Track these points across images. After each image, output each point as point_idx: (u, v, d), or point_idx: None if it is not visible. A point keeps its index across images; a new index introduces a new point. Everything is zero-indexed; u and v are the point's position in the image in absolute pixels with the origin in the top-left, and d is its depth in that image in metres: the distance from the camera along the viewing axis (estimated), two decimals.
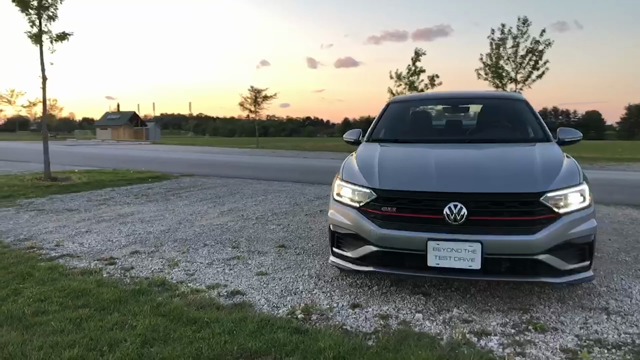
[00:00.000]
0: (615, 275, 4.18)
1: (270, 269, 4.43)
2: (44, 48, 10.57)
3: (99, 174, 12.29)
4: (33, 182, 10.36)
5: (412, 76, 29.92)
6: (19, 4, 10.27)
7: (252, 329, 3.10)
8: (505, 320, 3.27)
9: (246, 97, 42.48)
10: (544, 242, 3.24)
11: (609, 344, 2.93)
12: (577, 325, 3.18)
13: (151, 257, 4.82)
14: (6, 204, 8.02)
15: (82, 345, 2.92)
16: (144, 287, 3.89)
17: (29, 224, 6.37)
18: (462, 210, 3.30)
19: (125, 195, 8.99)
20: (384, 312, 3.42)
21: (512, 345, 2.92)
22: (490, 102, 5.19)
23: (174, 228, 6.09)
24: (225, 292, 3.83)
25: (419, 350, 2.81)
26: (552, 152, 3.99)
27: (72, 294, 3.74)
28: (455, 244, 3.28)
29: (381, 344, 2.90)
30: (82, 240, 5.50)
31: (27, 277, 4.16)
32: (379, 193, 3.56)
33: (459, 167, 3.74)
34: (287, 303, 3.61)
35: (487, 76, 23.05)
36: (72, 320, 3.29)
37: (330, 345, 2.86)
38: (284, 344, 2.90)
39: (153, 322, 3.22)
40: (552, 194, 3.34)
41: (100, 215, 6.99)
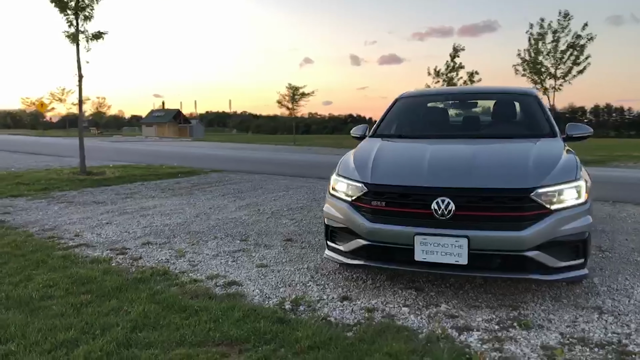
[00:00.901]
0: (620, 276, 4.06)
1: (271, 261, 4.52)
2: (80, 47, 10.97)
3: (132, 169, 12.70)
4: (69, 176, 10.81)
5: (451, 72, 29.59)
6: (57, 5, 10.71)
7: (237, 318, 3.19)
8: (492, 317, 3.25)
9: (284, 94, 42.91)
10: (532, 239, 3.20)
11: (593, 342, 2.88)
12: (564, 324, 3.14)
13: (161, 248, 4.99)
14: (41, 196, 8.41)
15: (78, 329, 3.07)
16: (146, 276, 4.04)
17: (56, 215, 6.67)
18: (449, 205, 3.30)
19: (153, 189, 9.27)
20: (371, 305, 3.45)
21: (492, 341, 2.91)
22: (499, 98, 5.11)
23: (190, 221, 6.26)
24: (222, 283, 3.93)
25: (394, 342, 2.83)
26: (552, 148, 3.92)
27: (78, 281, 3.93)
28: (442, 239, 3.28)
29: (359, 336, 2.94)
30: (101, 231, 5.73)
31: (41, 264, 4.38)
32: (370, 187, 3.59)
33: (452, 163, 3.73)
34: (279, 294, 3.69)
35: (525, 72, 22.48)
36: (73, 305, 3.46)
37: (307, 335, 2.92)
38: (265, 332, 2.98)
39: (146, 309, 3.35)
40: (543, 190, 3.29)
41: (124, 208, 7.25)
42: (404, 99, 5.32)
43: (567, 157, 3.73)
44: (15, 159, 17.23)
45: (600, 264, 4.38)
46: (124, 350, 2.81)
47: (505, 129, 4.67)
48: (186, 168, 13.33)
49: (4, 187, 9.24)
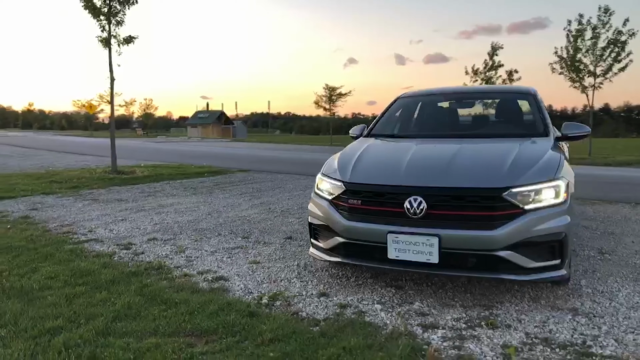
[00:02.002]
0: (611, 278, 3.98)
1: (265, 258, 4.64)
2: (112, 51, 11.42)
3: (162, 168, 13.11)
4: (101, 175, 11.27)
5: (489, 71, 29.02)
6: (91, 11, 11.18)
7: (212, 311, 3.32)
8: (462, 316, 3.27)
9: (321, 95, 43.11)
10: (504, 238, 3.19)
11: (556, 343, 2.86)
12: (533, 324, 3.12)
13: (165, 244, 5.19)
14: (70, 193, 8.83)
15: (65, 318, 3.27)
16: (140, 270, 4.23)
17: (77, 212, 7.00)
18: (421, 204, 3.33)
19: (176, 187, 9.57)
20: (346, 302, 3.52)
21: (454, 339, 2.93)
22: (496, 97, 5.09)
23: (200, 219, 6.46)
24: (211, 278, 4.08)
25: (353, 337, 2.89)
26: (538, 147, 3.88)
27: (78, 274, 4.15)
28: (413, 237, 3.32)
29: (322, 330, 3.02)
30: (114, 227, 5.99)
31: (49, 257, 4.64)
32: (347, 186, 3.66)
33: (430, 163, 3.75)
34: (261, 290, 3.80)
35: (562, 70, 21.81)
36: (67, 295, 3.67)
37: (272, 328, 3.02)
38: (233, 325, 3.10)
39: (131, 301, 3.52)
40: (517, 190, 3.28)
41: (142, 205, 7.53)
42: (402, 99, 5.36)
43: (549, 156, 3.69)
44: (59, 158, 18.04)
45: (595, 266, 4.29)
46: (100, 338, 2.98)
47: (497, 128, 4.66)
48: (214, 168, 13.65)
49: (39, 185, 9.73)
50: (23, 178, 10.90)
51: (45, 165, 14.88)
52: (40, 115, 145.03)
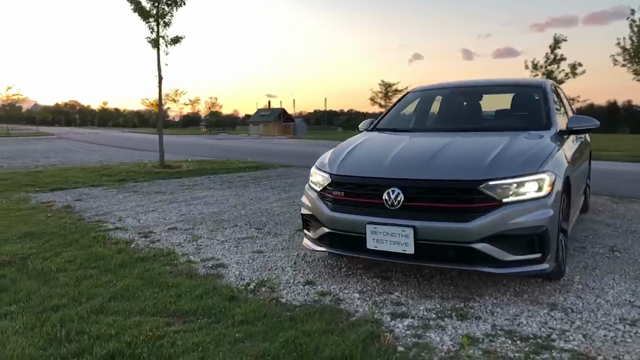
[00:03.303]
0: (609, 276, 3.86)
1: (269, 248, 4.81)
2: (160, 51, 11.98)
3: (208, 163, 13.59)
4: (149, 169, 11.86)
5: (551, 65, 27.90)
6: (140, 14, 11.77)
7: (197, 294, 3.52)
8: (436, 306, 3.30)
9: (377, 91, 42.94)
10: (479, 231, 3.20)
11: (520, 336, 2.86)
12: (504, 317, 3.12)
13: (182, 233, 5.47)
14: (116, 185, 9.37)
15: (70, 297, 3.57)
16: (149, 256, 4.51)
17: (115, 203, 7.46)
18: (399, 196, 3.39)
19: (214, 182, 9.93)
20: (328, 290, 3.63)
21: (418, 328, 2.99)
22: (505, 90, 5.01)
23: (224, 210, 6.73)
24: (211, 265, 4.29)
25: (318, 322, 3.01)
26: (529, 140, 3.83)
27: (93, 258, 4.48)
28: (390, 228, 3.38)
29: (292, 315, 3.16)
30: (143, 217, 6.36)
31: (73, 243, 5.02)
32: (333, 178, 3.77)
33: (414, 155, 3.78)
34: (253, 277, 3.97)
35: (625, 62, 20.66)
36: (77, 277, 3.99)
37: (245, 311, 3.19)
38: (212, 307, 3.29)
39: (130, 284, 3.79)
40: (495, 182, 3.27)
41: (177, 197, 7.91)
42: (411, 93, 5.38)
43: (538, 149, 3.64)
44: (119, 153, 19.06)
45: (599, 263, 4.17)
46: (93, 316, 3.24)
47: (499, 122, 4.62)
48: (258, 163, 14.00)
49: (90, 177, 10.39)
50: (79, 171, 11.65)
51: (104, 159, 15.78)
52: (116, 114, 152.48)
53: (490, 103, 4.98)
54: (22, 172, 11.84)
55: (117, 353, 2.73)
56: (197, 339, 2.85)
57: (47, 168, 12.89)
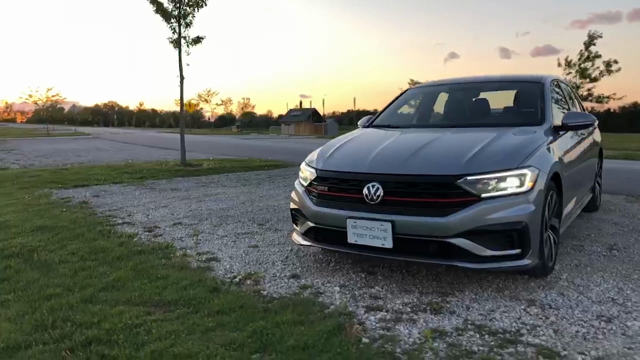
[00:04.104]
0: (599, 274, 3.79)
1: (266, 243, 4.88)
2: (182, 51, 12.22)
3: (229, 162, 13.78)
4: (170, 167, 12.12)
5: (585, 62, 27.16)
6: (163, 14, 12.02)
7: (182, 286, 3.63)
8: (413, 301, 3.31)
9: None
10: (455, 225, 3.20)
11: (489, 330, 2.86)
12: (478, 312, 3.11)
13: (186, 228, 5.60)
14: (135, 183, 9.62)
15: (64, 287, 3.72)
16: (148, 249, 4.65)
17: (130, 199, 7.67)
18: (378, 191, 3.41)
19: (231, 179, 10.09)
20: (310, 284, 3.68)
21: (390, 321, 3.01)
22: (504, 87, 4.97)
23: (232, 207, 6.85)
24: (205, 258, 4.39)
25: (290, 314, 3.07)
26: (516, 136, 3.80)
27: (95, 251, 4.64)
28: (369, 223, 3.41)
29: (267, 307, 3.22)
30: (152, 212, 6.53)
31: (79, 236, 5.21)
32: (318, 173, 3.82)
33: (398, 151, 3.79)
34: (242, 270, 4.05)
35: None
36: (76, 269, 4.14)
37: (223, 302, 3.27)
38: (193, 298, 3.38)
39: (122, 275, 3.92)
40: (473, 177, 3.26)
41: (190, 194, 8.07)
42: (411, 90, 5.38)
43: (523, 145, 3.61)
44: (146, 152, 19.50)
45: (593, 261, 4.10)
46: (82, 305, 3.38)
47: (493, 118, 4.58)
48: (277, 162, 14.12)
49: (112, 175, 10.69)
50: (103, 169, 11.99)
51: (131, 158, 16.18)
52: (152, 114, 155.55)
53: (492, 100, 4.93)
54: (50, 169, 12.27)
55: (95, 339, 2.84)
56: (172, 328, 2.94)
57: (74, 166, 13.31)
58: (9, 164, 14.37)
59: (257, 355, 2.59)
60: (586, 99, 26.74)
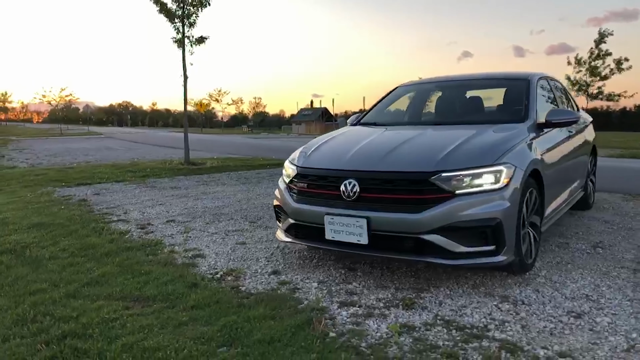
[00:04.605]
0: (578, 271, 3.79)
1: (253, 240, 4.93)
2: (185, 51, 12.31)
3: (232, 161, 13.87)
4: (174, 165, 12.23)
5: (595, 60, 26.96)
6: (167, 14, 12.13)
7: (163, 281, 3.69)
8: (387, 296, 3.34)
9: None
10: (429, 222, 3.22)
11: (457, 325, 2.88)
12: (449, 308, 3.13)
13: (178, 225, 5.67)
14: (137, 181, 9.73)
15: (51, 282, 3.80)
16: (137, 246, 4.72)
17: (130, 197, 7.76)
18: (354, 187, 3.45)
19: (232, 178, 10.16)
20: (289, 280, 3.72)
21: (361, 316, 3.04)
22: (492, 84, 4.97)
23: (227, 205, 6.91)
24: (191, 255, 4.45)
25: (263, 309, 3.11)
26: (495, 133, 3.81)
27: (85, 247, 4.72)
28: (345, 219, 3.45)
29: (242, 302, 3.26)
30: (148, 210, 6.61)
31: (73, 233, 5.30)
32: (299, 170, 3.86)
33: (377, 148, 3.81)
34: (225, 266, 4.10)
35: None
36: (65, 264, 4.22)
37: (200, 297, 3.32)
38: (171, 294, 3.44)
39: (108, 271, 3.99)
40: (448, 174, 3.28)
41: (188, 193, 8.15)
42: (399, 88, 5.39)
43: (501, 141, 3.62)
44: (154, 151, 19.67)
45: (574, 259, 4.09)
46: (64, 300, 3.44)
47: (477, 115, 4.58)
48: (281, 160, 14.10)
49: (115, 173, 10.81)
50: (107, 168, 12.13)
51: (138, 157, 16.34)
52: (166, 114, 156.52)
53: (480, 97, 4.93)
54: (56, 168, 12.44)
55: (70, 333, 2.90)
56: (147, 322, 3.00)
57: (81, 165, 13.47)
58: (18, 163, 14.59)
59: (224, 349, 2.64)
60: (596, 97, 26.56)
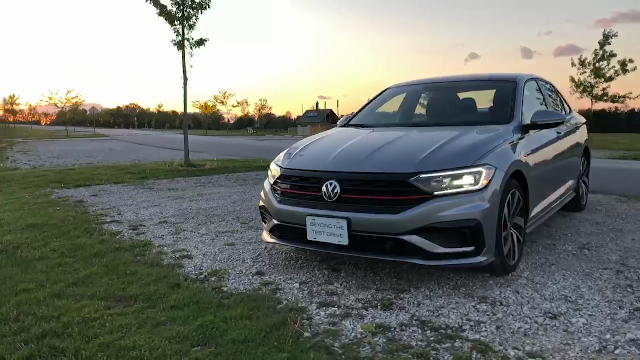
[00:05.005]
0: (561, 272, 3.79)
1: (242, 241, 4.95)
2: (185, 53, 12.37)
3: (232, 162, 13.92)
4: (174, 167, 12.28)
5: (599, 62, 26.82)
6: (167, 17, 12.19)
7: (147, 282, 3.71)
8: (367, 297, 3.36)
9: None
10: (407, 222, 3.23)
11: (432, 326, 2.89)
12: (427, 308, 3.14)
13: (170, 226, 5.70)
14: (135, 183, 9.78)
15: (37, 282, 3.83)
16: (126, 247, 4.75)
17: (126, 198, 7.81)
18: (335, 188, 3.47)
19: (230, 179, 10.20)
20: (272, 280, 3.74)
21: (338, 316, 3.06)
22: (479, 85, 4.98)
23: (221, 206, 6.94)
24: (178, 255, 4.47)
25: (241, 309, 3.13)
26: (477, 135, 3.82)
27: (75, 248, 4.75)
28: (326, 220, 3.47)
29: (222, 302, 3.29)
30: (142, 211, 6.65)
31: (65, 234, 5.34)
32: (283, 171, 3.89)
33: (361, 149, 3.82)
34: (210, 267, 4.13)
35: None
36: (53, 265, 4.25)
37: (181, 298, 3.35)
38: (153, 294, 3.47)
39: (94, 271, 4.03)
40: (427, 175, 3.30)
41: (185, 194, 8.19)
42: (389, 89, 5.41)
43: (482, 143, 3.63)
44: (156, 152, 19.76)
45: (559, 260, 4.10)
46: (48, 299, 3.47)
47: (462, 116, 4.60)
48: None
49: (114, 175, 10.87)
50: (108, 169, 12.20)
51: (139, 158, 16.43)
52: (172, 116, 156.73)
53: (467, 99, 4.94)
54: (57, 169, 12.52)
55: (50, 332, 2.93)
56: (126, 321, 3.03)
57: (82, 166, 13.56)
58: (21, 164, 14.69)
59: (198, 348, 2.66)
60: (601, 99, 26.43)
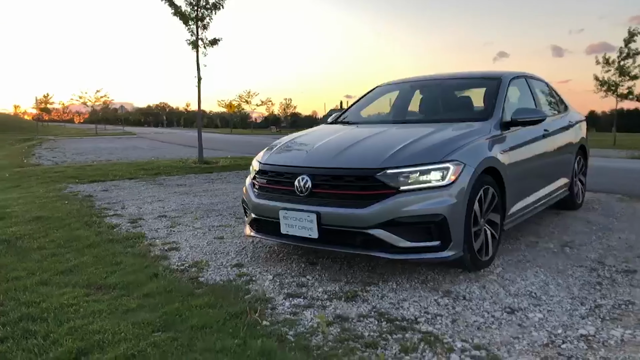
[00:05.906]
0: (536, 269, 3.81)
1: (232, 235, 5.07)
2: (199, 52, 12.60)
3: (244, 159, 14.06)
4: (188, 164, 12.53)
5: (624, 60, 26.19)
6: (181, 18, 12.43)
7: (128, 271, 3.87)
8: (334, 289, 3.44)
9: None
10: (373, 217, 3.30)
11: (389, 318, 2.96)
12: (389, 301, 3.21)
13: (167, 220, 5.86)
14: (147, 179, 10.01)
15: (28, 270, 4.01)
16: (119, 238, 4.93)
17: (134, 193, 8.03)
18: (307, 183, 3.56)
19: (238, 176, 10.37)
20: (248, 272, 3.85)
21: (302, 307, 3.15)
22: (465, 83, 5.00)
23: (221, 202, 7.09)
24: (167, 248, 4.62)
25: (208, 298, 3.25)
26: (450, 131, 3.88)
27: (72, 239, 4.95)
28: (298, 214, 3.56)
29: (194, 292, 3.41)
30: (145, 206, 6.84)
31: (65, 226, 5.55)
32: (260, 167, 4.00)
33: (336, 146, 3.90)
34: (193, 259, 4.26)
35: None
36: (47, 255, 4.44)
37: (155, 287, 3.49)
38: (131, 283, 3.61)
39: (85, 261, 4.20)
40: (393, 171, 3.36)
41: (191, 190, 8.38)
42: (378, 87, 5.47)
43: (453, 139, 3.68)
44: (176, 150, 20.10)
45: (536, 257, 4.10)
46: (36, 287, 3.64)
47: (445, 113, 4.64)
48: None
49: (130, 171, 11.14)
50: (124, 166, 12.51)
51: (158, 156, 16.76)
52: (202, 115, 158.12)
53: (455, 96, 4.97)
54: (76, 166, 12.90)
55: (27, 317, 3.09)
56: (99, 307, 3.18)
57: (101, 163, 13.92)
58: (45, 161, 15.16)
59: (158, 333, 2.78)
60: (626, 97, 25.83)
